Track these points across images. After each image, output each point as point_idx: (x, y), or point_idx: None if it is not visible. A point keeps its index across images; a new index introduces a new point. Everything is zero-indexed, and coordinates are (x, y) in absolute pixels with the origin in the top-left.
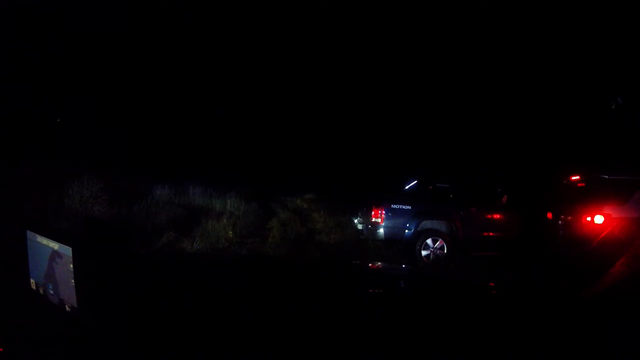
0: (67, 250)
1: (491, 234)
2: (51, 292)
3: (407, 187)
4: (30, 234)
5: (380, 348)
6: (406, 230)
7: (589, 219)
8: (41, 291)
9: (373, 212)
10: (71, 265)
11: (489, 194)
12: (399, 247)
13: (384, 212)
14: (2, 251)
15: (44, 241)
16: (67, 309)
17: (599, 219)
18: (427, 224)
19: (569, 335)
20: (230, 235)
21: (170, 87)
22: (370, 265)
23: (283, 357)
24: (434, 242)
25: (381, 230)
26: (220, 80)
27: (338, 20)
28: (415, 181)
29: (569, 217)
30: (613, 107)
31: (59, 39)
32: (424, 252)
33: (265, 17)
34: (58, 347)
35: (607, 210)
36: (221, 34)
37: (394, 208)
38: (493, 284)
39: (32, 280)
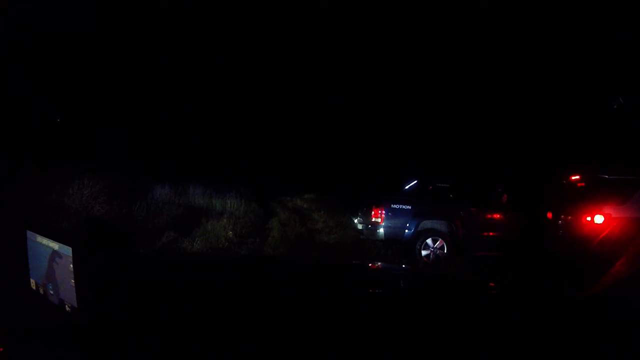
0: (67, 250)
1: (491, 233)
2: (51, 292)
3: (407, 187)
4: (30, 234)
5: (381, 348)
6: (406, 230)
7: (589, 218)
8: (41, 291)
9: (373, 212)
10: (71, 265)
11: (489, 194)
12: (399, 247)
13: (384, 212)
14: (2, 251)
15: (44, 241)
16: (67, 309)
17: (599, 219)
18: (427, 223)
19: (569, 335)
20: (230, 235)
21: (171, 87)
22: (370, 265)
23: (283, 358)
24: (434, 242)
25: (381, 230)
26: (221, 80)
27: (338, 20)
28: (415, 181)
29: (569, 217)
30: (614, 106)
31: (59, 38)
32: (424, 252)
33: (264, 17)
34: (58, 347)
35: (607, 210)
36: (221, 35)
37: (394, 208)
38: (493, 284)
39: (32, 280)
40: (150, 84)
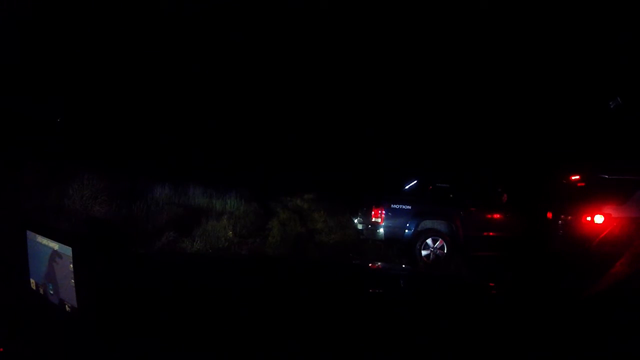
0: (67, 250)
1: (491, 233)
2: (51, 292)
3: (407, 187)
4: (30, 234)
5: (381, 348)
6: (406, 230)
7: (589, 218)
8: (41, 291)
9: (373, 212)
10: (71, 265)
11: (489, 194)
12: (399, 247)
13: (384, 212)
14: (2, 251)
15: (44, 241)
16: (67, 309)
17: (599, 219)
18: (427, 223)
19: (569, 335)
20: (230, 235)
21: (170, 87)
22: (370, 265)
23: (283, 357)
24: (434, 242)
25: (381, 230)
26: (220, 80)
27: (337, 20)
28: (415, 181)
29: (569, 217)
30: (613, 106)
31: (59, 36)
32: (424, 252)
33: (264, 17)
34: (58, 347)
35: (607, 210)
36: (221, 34)
37: (394, 208)
38: (493, 284)
39: (32, 280)
40: (151, 84)
